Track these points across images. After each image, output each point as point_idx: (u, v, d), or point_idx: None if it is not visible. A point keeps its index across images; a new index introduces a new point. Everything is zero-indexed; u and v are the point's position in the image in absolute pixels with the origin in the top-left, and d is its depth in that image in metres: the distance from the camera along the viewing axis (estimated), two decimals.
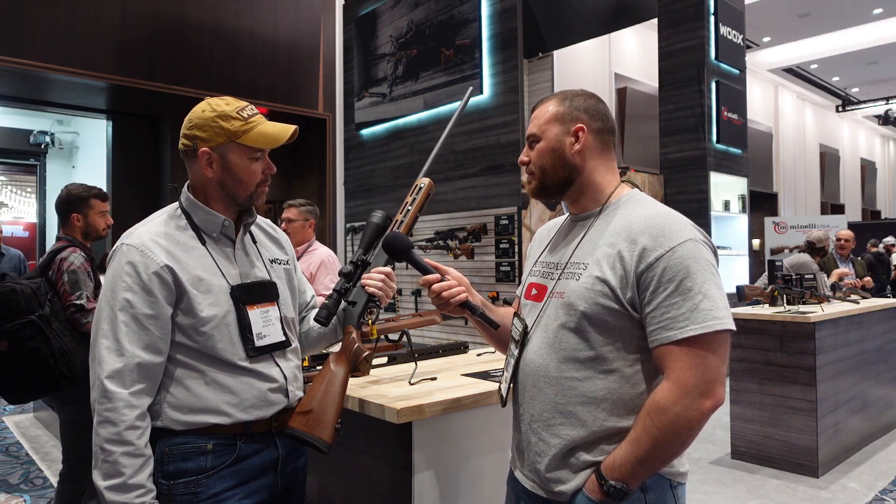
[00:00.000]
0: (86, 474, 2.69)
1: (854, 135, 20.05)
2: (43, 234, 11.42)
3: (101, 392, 1.30)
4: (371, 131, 7.31)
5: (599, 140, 1.33)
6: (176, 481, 1.36)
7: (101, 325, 1.34)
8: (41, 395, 2.58)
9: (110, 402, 1.29)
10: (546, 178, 1.34)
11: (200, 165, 1.43)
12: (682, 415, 1.12)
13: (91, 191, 2.84)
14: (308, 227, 3.57)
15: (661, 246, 1.17)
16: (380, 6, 7.12)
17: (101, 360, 1.32)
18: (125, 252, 1.37)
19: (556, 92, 1.39)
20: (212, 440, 1.38)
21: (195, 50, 6.58)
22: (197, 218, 1.46)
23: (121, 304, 1.33)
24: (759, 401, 4.10)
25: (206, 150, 1.42)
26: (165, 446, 1.36)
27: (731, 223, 7.65)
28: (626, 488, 1.17)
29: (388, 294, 1.53)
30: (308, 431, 1.41)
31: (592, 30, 7.86)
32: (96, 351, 1.33)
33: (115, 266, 1.37)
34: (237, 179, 1.45)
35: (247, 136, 1.43)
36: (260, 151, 1.46)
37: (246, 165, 1.45)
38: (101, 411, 1.30)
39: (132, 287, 1.34)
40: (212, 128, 1.42)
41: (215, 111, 1.43)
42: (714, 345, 1.14)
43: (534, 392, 1.30)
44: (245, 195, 1.47)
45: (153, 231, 1.42)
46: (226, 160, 1.43)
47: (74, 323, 2.56)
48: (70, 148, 11.46)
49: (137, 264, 1.35)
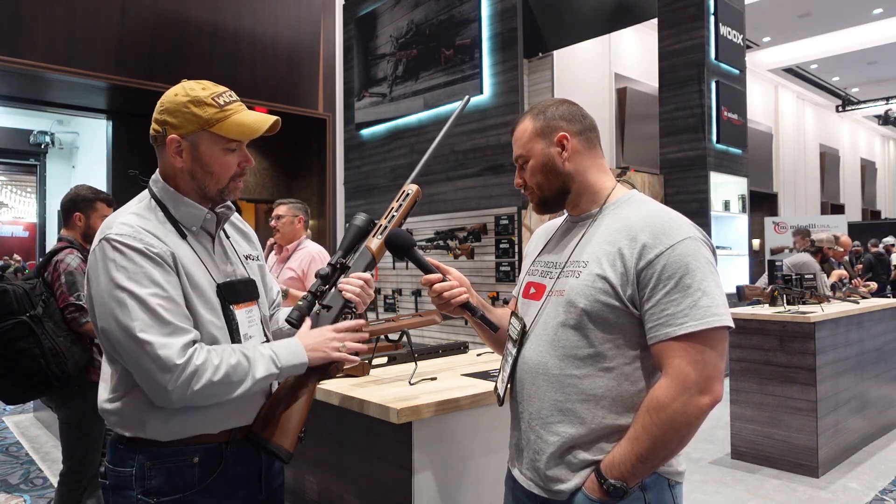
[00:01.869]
0: (86, 474, 2.70)
1: (854, 135, 20.05)
2: (43, 234, 11.42)
3: (162, 368, 1.19)
4: (371, 131, 7.31)
5: (584, 140, 1.33)
6: (161, 499, 1.27)
7: (122, 320, 1.19)
8: (34, 396, 2.58)
9: (174, 371, 1.18)
10: (544, 193, 1.35)
11: (169, 153, 1.32)
12: (680, 411, 1.13)
13: (99, 194, 2.86)
14: (298, 224, 3.58)
15: (662, 243, 1.18)
16: (380, 6, 7.12)
17: (143, 347, 1.19)
18: (119, 239, 1.23)
19: (526, 110, 1.39)
20: (198, 452, 1.29)
21: (195, 50, 6.58)
22: (176, 210, 1.34)
23: (147, 284, 1.21)
24: (759, 401, 4.10)
25: (175, 137, 1.30)
26: (147, 460, 1.27)
27: (731, 223, 7.65)
28: (625, 487, 1.17)
29: (365, 301, 1.44)
30: (269, 439, 1.34)
31: (592, 30, 7.86)
32: (130, 349, 1.20)
33: (110, 256, 1.22)
34: (208, 171, 1.32)
35: (221, 125, 1.30)
36: (235, 142, 1.33)
37: (218, 157, 1.32)
38: (182, 382, 1.19)
39: (149, 266, 1.22)
40: (183, 114, 1.29)
41: (189, 96, 1.30)
42: (713, 341, 1.15)
43: (532, 390, 1.30)
44: (216, 189, 1.34)
45: (137, 222, 1.28)
46: (197, 150, 1.31)
47: (73, 322, 2.57)
48: (70, 148, 11.46)
49: (139, 245, 1.23)
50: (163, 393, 1.20)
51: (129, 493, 1.29)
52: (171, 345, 1.19)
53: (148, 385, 1.22)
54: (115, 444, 1.34)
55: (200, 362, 1.21)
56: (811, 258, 5.33)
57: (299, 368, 1.33)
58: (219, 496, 1.33)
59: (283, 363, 1.30)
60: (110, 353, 1.28)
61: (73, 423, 2.68)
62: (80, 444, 2.68)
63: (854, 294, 4.89)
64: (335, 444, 1.90)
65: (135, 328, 1.19)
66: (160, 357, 1.18)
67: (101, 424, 2.74)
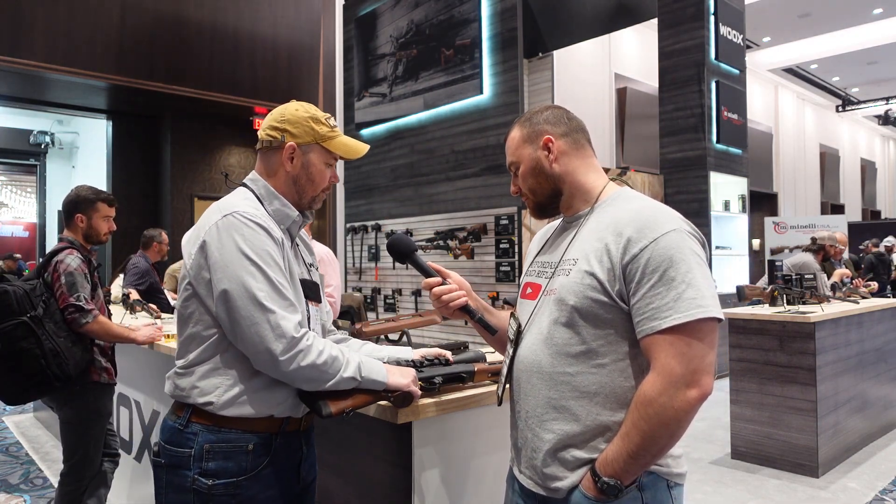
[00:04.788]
0: (86, 474, 2.70)
1: (854, 135, 20.06)
2: (43, 234, 11.43)
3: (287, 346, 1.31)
4: (371, 131, 7.31)
5: (570, 141, 1.35)
6: (217, 481, 1.35)
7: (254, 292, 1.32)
8: (35, 397, 2.59)
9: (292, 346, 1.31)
10: (537, 197, 1.37)
11: (282, 158, 1.48)
12: (667, 405, 1.12)
13: (100, 195, 2.85)
14: None
15: (646, 237, 1.17)
16: (380, 6, 7.12)
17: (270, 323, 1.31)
18: (245, 216, 1.37)
19: (515, 120, 1.43)
20: (253, 439, 1.38)
21: (195, 50, 6.58)
22: (271, 207, 1.48)
23: (271, 265, 1.35)
24: (759, 401, 4.10)
25: (292, 144, 1.48)
26: (206, 443, 1.36)
27: (731, 223, 7.65)
28: (619, 485, 1.16)
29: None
30: (321, 398, 1.42)
31: (592, 30, 7.87)
32: (255, 325, 1.31)
33: (239, 229, 1.36)
34: (311, 179, 1.51)
35: (332, 142, 1.51)
36: (335, 159, 1.53)
37: (321, 168, 1.51)
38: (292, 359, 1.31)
39: (275, 249, 1.38)
40: (303, 126, 1.49)
41: (308, 112, 1.51)
42: (700, 333, 1.13)
43: (528, 388, 1.30)
44: (310, 196, 1.52)
45: (255, 208, 1.43)
46: (307, 159, 1.50)
47: (73, 323, 2.57)
48: (70, 148, 11.47)
49: (266, 227, 1.38)
50: (271, 359, 1.31)
51: (185, 472, 1.37)
52: (290, 318, 1.33)
53: (258, 349, 1.31)
54: (174, 425, 1.42)
55: (310, 343, 1.34)
56: (811, 258, 5.33)
57: (377, 385, 1.43)
58: (263, 484, 1.40)
59: (365, 374, 1.41)
60: (220, 316, 1.35)
61: (74, 423, 2.68)
62: (80, 444, 2.68)
63: (854, 294, 4.89)
64: (335, 444, 1.90)
65: (260, 296, 1.31)
66: (280, 325, 1.31)
67: (101, 424, 2.75)
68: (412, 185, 6.77)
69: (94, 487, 2.73)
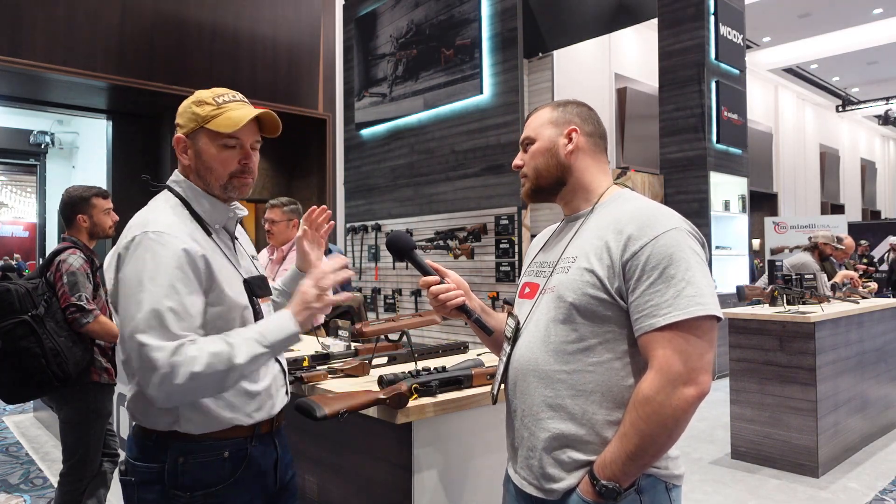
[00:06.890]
0: (86, 474, 2.70)
1: (854, 135, 20.05)
2: (43, 234, 11.42)
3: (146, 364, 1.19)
4: (371, 131, 7.31)
5: (591, 143, 1.36)
6: (195, 493, 1.31)
7: (139, 318, 1.20)
8: (35, 396, 2.59)
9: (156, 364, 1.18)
10: (540, 178, 1.37)
11: (178, 153, 1.39)
12: (665, 404, 1.11)
13: (91, 190, 2.84)
14: (292, 227, 3.54)
15: (646, 235, 1.18)
16: (380, 6, 7.12)
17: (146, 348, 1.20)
18: (156, 239, 1.25)
19: (548, 102, 1.44)
20: (227, 447, 1.34)
21: (195, 50, 6.58)
22: (200, 208, 1.38)
23: (166, 291, 1.22)
24: (759, 401, 4.10)
25: (180, 136, 1.37)
26: (180, 455, 1.30)
27: (731, 223, 7.65)
28: (618, 488, 1.15)
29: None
30: (312, 399, 1.41)
31: (592, 30, 7.87)
32: (135, 350, 1.20)
33: (150, 254, 1.24)
34: (208, 167, 1.36)
35: (215, 120, 1.33)
36: (233, 139, 1.35)
37: (215, 153, 1.35)
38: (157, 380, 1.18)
39: (177, 272, 1.24)
40: (187, 114, 1.36)
41: (195, 97, 1.37)
42: (699, 331, 1.13)
43: (524, 387, 1.30)
44: (217, 185, 1.38)
45: (169, 220, 1.31)
46: (198, 147, 1.36)
47: (74, 323, 2.57)
48: (70, 148, 11.47)
49: (175, 249, 1.25)
50: (151, 398, 1.22)
51: (157, 487, 1.30)
52: (164, 346, 1.19)
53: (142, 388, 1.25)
54: (143, 439, 1.34)
55: (180, 358, 1.19)
56: (811, 258, 5.32)
57: (292, 339, 1.32)
58: (241, 489, 1.37)
59: (271, 339, 1.28)
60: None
61: (74, 422, 2.68)
62: (80, 444, 2.68)
63: (854, 294, 4.89)
64: (335, 444, 1.90)
65: (140, 327, 1.21)
66: (150, 357, 1.19)
67: (101, 424, 2.74)
68: (412, 185, 6.76)
69: (94, 487, 2.73)
